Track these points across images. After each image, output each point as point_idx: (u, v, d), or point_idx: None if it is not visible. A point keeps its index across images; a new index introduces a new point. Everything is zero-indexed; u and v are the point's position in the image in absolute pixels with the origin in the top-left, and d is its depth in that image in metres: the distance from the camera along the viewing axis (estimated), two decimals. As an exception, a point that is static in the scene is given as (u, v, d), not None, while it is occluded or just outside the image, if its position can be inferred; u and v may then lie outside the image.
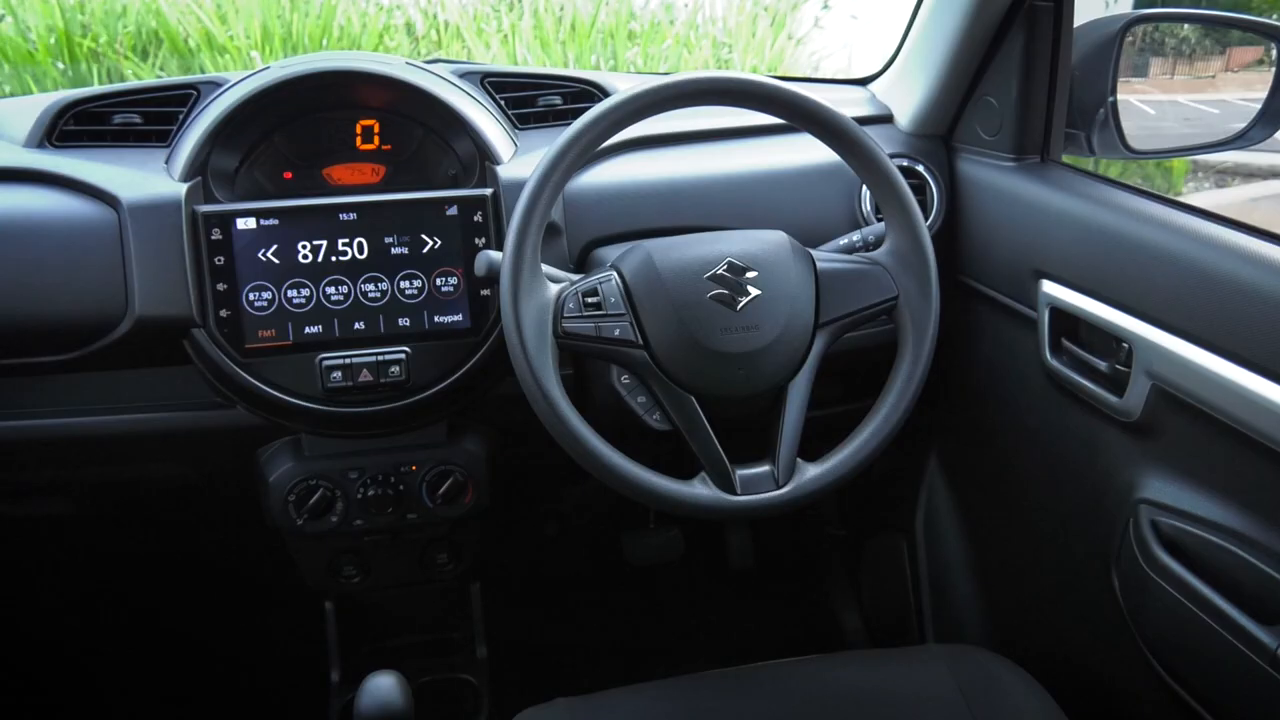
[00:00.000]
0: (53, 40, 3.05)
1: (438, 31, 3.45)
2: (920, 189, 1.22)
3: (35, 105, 1.11)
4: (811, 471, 0.94)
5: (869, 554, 1.56)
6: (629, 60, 3.25)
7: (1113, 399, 0.98)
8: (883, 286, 0.97)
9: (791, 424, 0.94)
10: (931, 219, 1.22)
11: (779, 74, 0.99)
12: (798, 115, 0.97)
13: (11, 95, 2.81)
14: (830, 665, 1.03)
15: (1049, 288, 1.06)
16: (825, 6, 4.06)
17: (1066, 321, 1.05)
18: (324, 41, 3.33)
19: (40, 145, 1.08)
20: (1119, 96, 1.15)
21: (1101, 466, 1.03)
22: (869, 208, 1.18)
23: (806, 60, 3.76)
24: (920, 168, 1.22)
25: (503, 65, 1.77)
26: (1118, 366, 0.98)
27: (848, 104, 1.29)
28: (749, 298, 0.93)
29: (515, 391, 0.94)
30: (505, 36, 3.38)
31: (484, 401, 1.13)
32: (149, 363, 1.06)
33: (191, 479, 1.21)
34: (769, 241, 0.97)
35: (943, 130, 1.26)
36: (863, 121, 1.24)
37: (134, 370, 1.08)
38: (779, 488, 0.92)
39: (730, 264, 0.94)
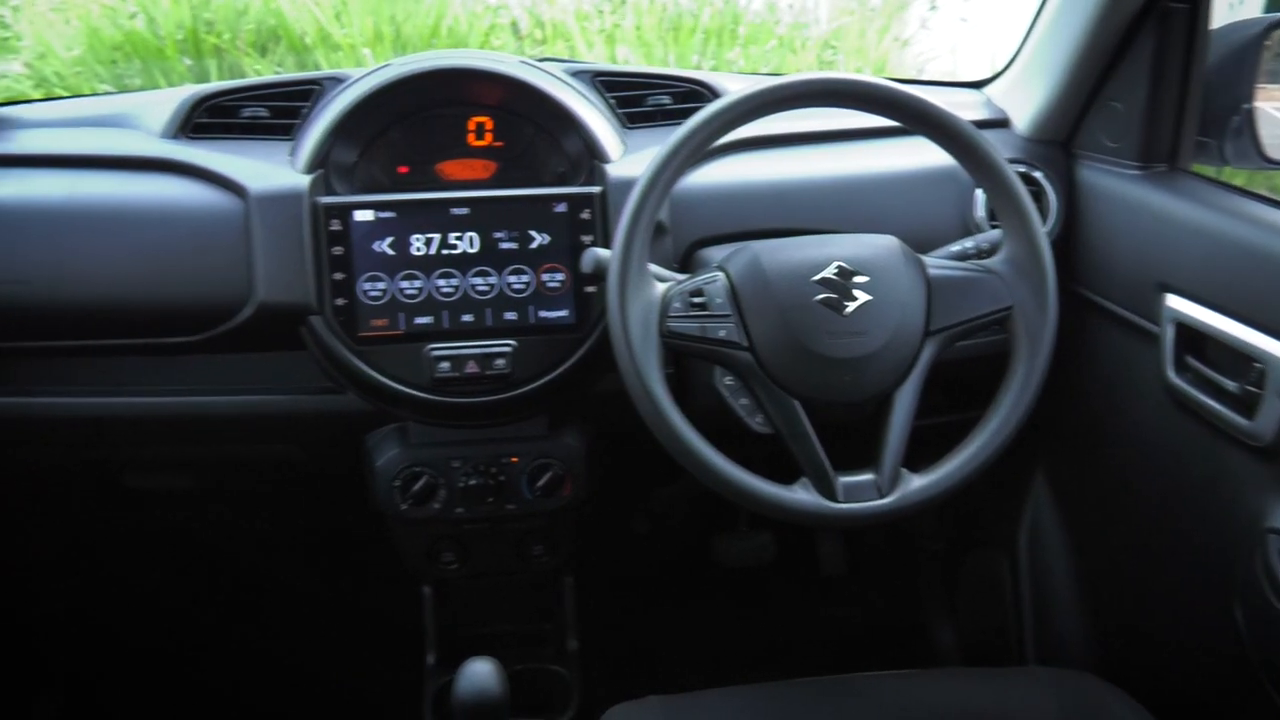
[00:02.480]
0: (180, 36, 3.20)
1: (542, 30, 3.50)
2: (1037, 196, 1.18)
3: (170, 98, 1.17)
4: (917, 482, 0.92)
5: (967, 569, 1.52)
6: (731, 61, 3.24)
7: (1242, 421, 0.94)
8: (997, 295, 0.95)
9: (897, 432, 0.93)
10: (1049, 227, 1.18)
11: (884, 76, 0.98)
12: (913, 118, 0.95)
13: (141, 89, 2.97)
14: (927, 681, 1.01)
15: (1174, 302, 1.02)
16: (933, 8, 3.98)
17: (1192, 338, 1.01)
18: (432, 40, 3.41)
19: (175, 136, 1.13)
20: (1256, 104, 1.09)
21: (1226, 492, 0.98)
22: (982, 214, 1.15)
23: (912, 62, 3.69)
24: (1038, 174, 1.19)
25: (614, 64, 1.79)
26: (1248, 387, 0.93)
27: (962, 107, 1.26)
28: (857, 302, 0.92)
29: (616, 388, 0.95)
30: (608, 36, 3.40)
31: (585, 397, 1.14)
32: (267, 347, 1.10)
33: (301, 460, 1.26)
34: (880, 246, 0.96)
35: (1063, 136, 1.21)
36: (978, 125, 1.21)
37: (252, 354, 1.12)
38: (882, 497, 0.91)
39: (839, 268, 0.93)
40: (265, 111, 1.14)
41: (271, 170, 1.07)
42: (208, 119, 1.14)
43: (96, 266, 1.05)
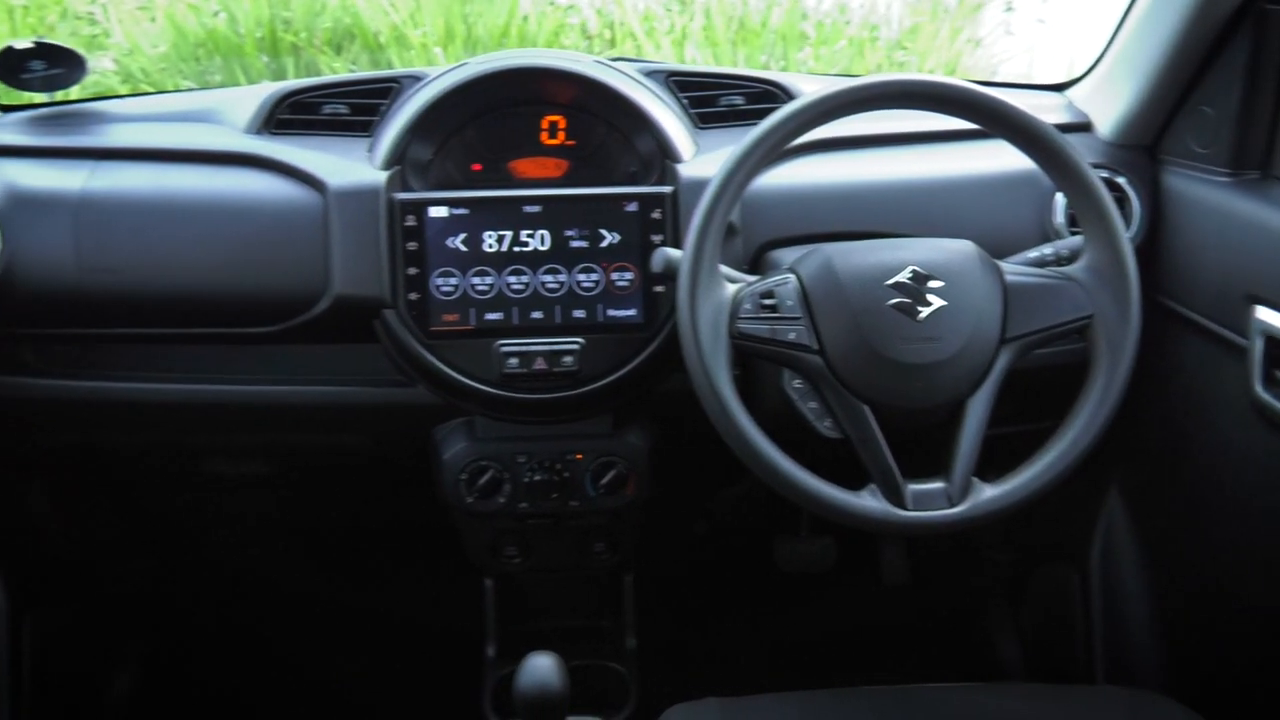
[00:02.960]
0: (259, 34, 3.28)
1: (610, 30, 3.51)
2: (1120, 202, 1.15)
3: (254, 95, 1.20)
4: (989, 492, 0.90)
5: (1035, 582, 1.49)
6: (800, 61, 3.21)
7: (1334, 439, 0.90)
8: (1077, 304, 0.93)
9: (969, 441, 0.91)
10: (1131, 234, 1.15)
11: (957, 78, 0.96)
12: (994, 121, 0.93)
13: (221, 85, 3.05)
14: (992, 694, 0.99)
15: (1265, 315, 0.98)
16: (1008, 9, 3.90)
17: None
18: (502, 40, 3.44)
19: (259, 132, 1.16)
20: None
21: (1315, 511, 0.95)
22: (1061, 220, 1.12)
23: (985, 64, 3.61)
24: (1121, 180, 1.15)
25: (688, 64, 1.79)
26: (1342, 404, 0.89)
27: (1043, 110, 1.22)
28: (932, 308, 0.90)
29: (682, 388, 0.94)
30: (676, 37, 3.40)
31: (651, 396, 1.14)
32: (340, 339, 1.12)
33: (370, 450, 1.28)
34: (956, 251, 0.94)
35: (1148, 140, 1.18)
36: (1060, 129, 1.18)
37: (326, 346, 1.15)
38: (952, 506, 0.90)
39: (914, 272, 0.91)
40: (345, 108, 1.16)
41: (350, 166, 1.09)
42: (290, 115, 1.17)
43: (182, 257, 1.08)
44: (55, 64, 1.17)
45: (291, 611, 1.66)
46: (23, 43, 1.16)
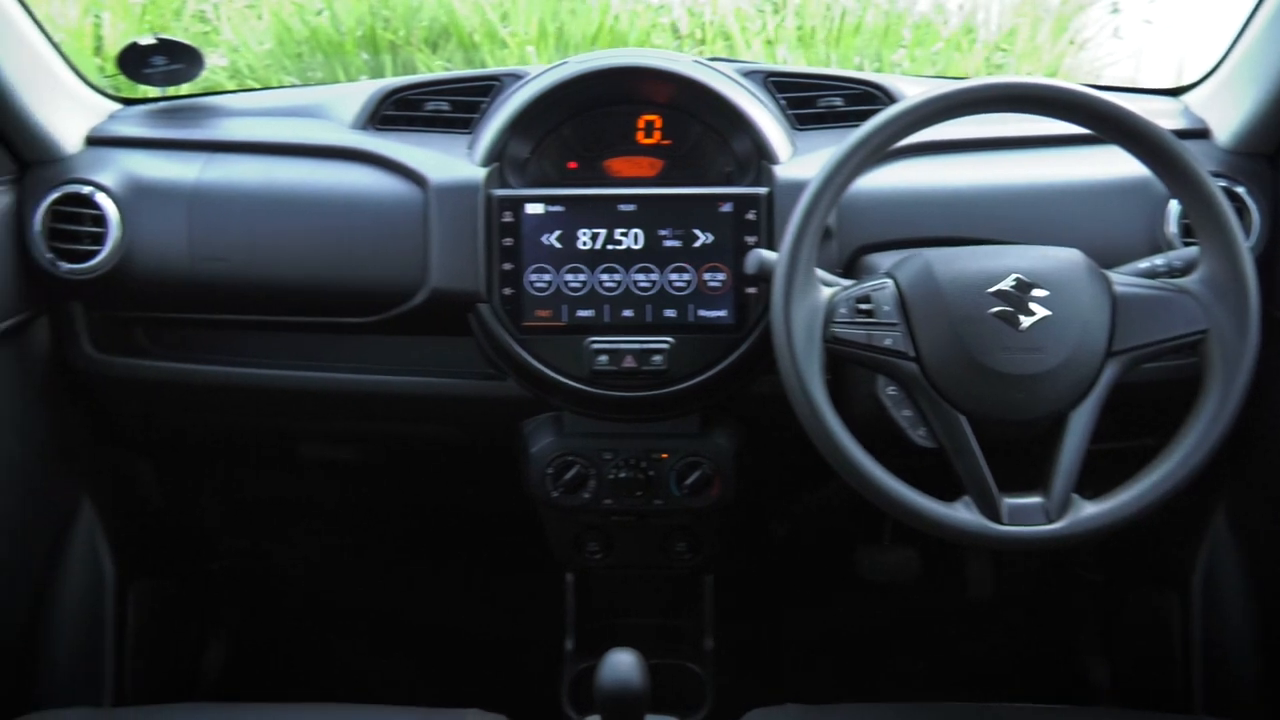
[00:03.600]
0: (359, 33, 3.37)
1: (702, 30, 3.51)
2: (1239, 213, 1.09)
3: (360, 91, 1.23)
4: (1089, 509, 0.88)
5: (1131, 605, 1.44)
6: (894, 63, 3.16)
7: None
8: (1191, 317, 0.89)
9: (1070, 456, 0.88)
10: (1250, 246, 1.09)
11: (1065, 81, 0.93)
12: (1109, 126, 0.90)
13: (321, 82, 3.14)
14: (1083, 719, 0.95)
15: None
16: (1114, 10, 3.77)
17: None
18: (594, 40, 3.47)
19: (364, 127, 1.19)
20: None
21: None
22: (1174, 229, 1.08)
23: (1088, 67, 3.50)
24: (1240, 189, 1.10)
25: (788, 65, 1.77)
26: None
27: (1159, 116, 1.17)
28: (1035, 317, 0.88)
29: (771, 391, 0.94)
30: (769, 38, 3.38)
31: (739, 398, 1.13)
32: (435, 331, 1.15)
33: (459, 441, 1.31)
34: (1062, 259, 0.92)
35: (1270, 149, 1.12)
36: (1177, 135, 1.14)
37: (421, 337, 1.17)
38: (1050, 522, 0.87)
39: (1017, 280, 0.89)
40: (447, 105, 1.19)
41: (451, 162, 1.11)
42: (394, 112, 1.20)
43: (287, 248, 1.12)
44: (176, 60, 1.22)
45: (374, 593, 1.71)
46: (146, 39, 1.21)
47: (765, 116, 1.12)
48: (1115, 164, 1.02)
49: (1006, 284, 0.89)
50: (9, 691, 1.19)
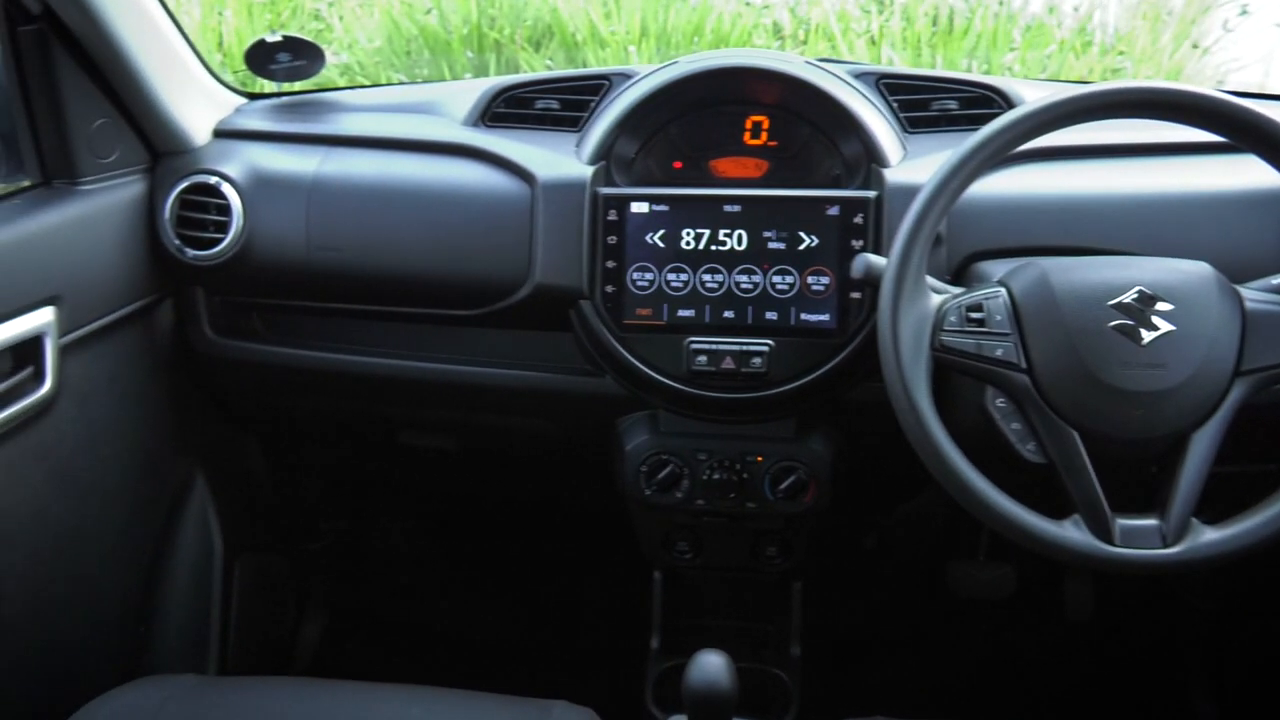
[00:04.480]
0: (465, 31, 3.44)
1: (805, 30, 3.47)
2: (1384, 228, 1.03)
3: (472, 89, 1.25)
4: (1209, 535, 0.84)
5: (1246, 638, 1.37)
6: (1004, 66, 3.07)
7: None
8: None
9: (1191, 478, 0.85)
10: (1395, 264, 1.03)
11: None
12: (1247, 135, 0.86)
13: (428, 79, 3.22)
14: None
15: None
16: (1242, 12, 3.59)
17: None
18: (695, 39, 3.47)
19: (475, 124, 1.22)
20: None
21: None
22: (1311, 245, 1.02)
23: (1212, 71, 3.34)
24: (1387, 203, 1.04)
25: (899, 67, 1.74)
26: None
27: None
28: (1158, 332, 0.85)
29: (872, 398, 0.92)
30: (872, 39, 3.32)
31: (837, 404, 1.12)
32: (536, 326, 1.16)
33: (554, 436, 1.32)
34: (1189, 273, 0.88)
35: None
36: None
37: (522, 332, 1.19)
38: (1166, 546, 0.84)
39: (1140, 293, 0.86)
40: (556, 104, 1.20)
41: (559, 160, 1.13)
42: (504, 109, 1.22)
43: (399, 240, 1.15)
44: (299, 56, 1.27)
45: (463, 582, 1.74)
46: (273, 36, 1.26)
47: (876, 119, 1.11)
48: (1244, 173, 0.98)
49: (1128, 297, 0.85)
50: (124, 656, 1.25)
